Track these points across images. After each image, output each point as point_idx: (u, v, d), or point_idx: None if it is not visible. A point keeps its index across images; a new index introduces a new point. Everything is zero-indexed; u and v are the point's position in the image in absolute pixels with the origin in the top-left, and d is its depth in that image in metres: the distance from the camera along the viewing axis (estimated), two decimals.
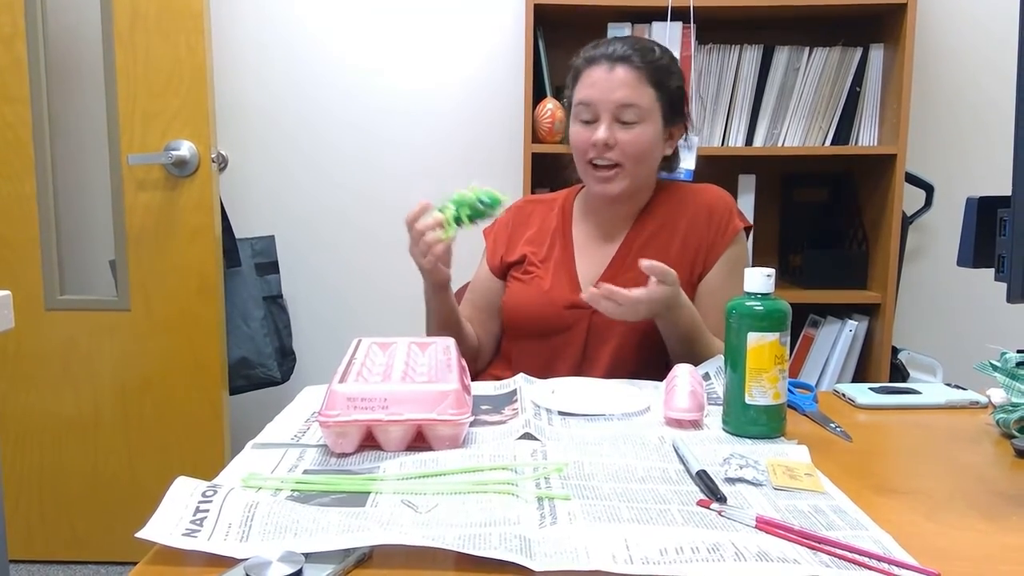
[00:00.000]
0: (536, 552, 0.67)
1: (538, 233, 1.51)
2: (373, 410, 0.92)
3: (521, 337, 1.47)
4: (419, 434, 0.94)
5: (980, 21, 2.31)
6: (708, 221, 1.44)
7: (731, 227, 1.44)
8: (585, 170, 1.41)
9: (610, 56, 1.37)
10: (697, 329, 1.34)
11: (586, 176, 1.42)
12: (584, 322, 1.41)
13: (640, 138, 1.37)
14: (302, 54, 2.39)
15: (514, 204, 1.57)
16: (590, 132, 1.38)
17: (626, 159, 1.38)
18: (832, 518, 0.77)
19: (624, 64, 1.36)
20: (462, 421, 0.93)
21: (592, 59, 1.39)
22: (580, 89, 1.40)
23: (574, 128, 1.41)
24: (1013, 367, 1.04)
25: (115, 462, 2.26)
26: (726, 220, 1.44)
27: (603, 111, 1.37)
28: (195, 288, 2.18)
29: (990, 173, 2.33)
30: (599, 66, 1.38)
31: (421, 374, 1.08)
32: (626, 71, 1.36)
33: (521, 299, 1.46)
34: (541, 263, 1.47)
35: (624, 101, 1.36)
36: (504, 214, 1.54)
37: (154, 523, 0.71)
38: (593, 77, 1.38)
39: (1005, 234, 0.84)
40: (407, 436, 0.94)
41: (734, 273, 1.44)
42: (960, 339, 2.39)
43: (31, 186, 2.18)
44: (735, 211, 1.46)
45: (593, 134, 1.37)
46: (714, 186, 1.50)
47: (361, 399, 0.92)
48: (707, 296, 1.43)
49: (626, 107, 1.36)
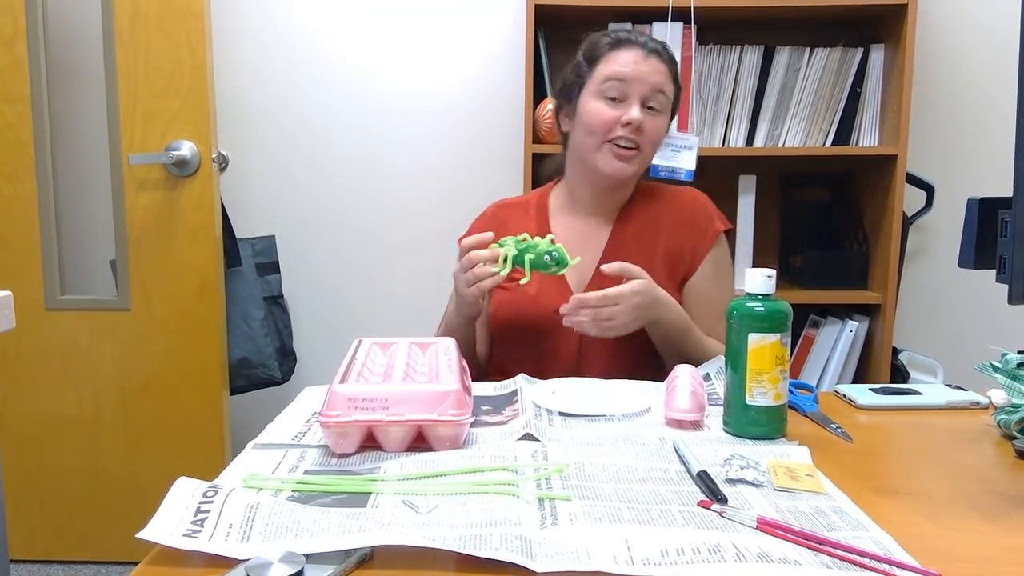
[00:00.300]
0: (537, 553, 0.67)
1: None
2: (374, 411, 0.92)
3: (512, 345, 1.46)
4: (420, 435, 0.94)
5: (981, 22, 2.31)
6: (690, 224, 1.45)
7: (712, 229, 1.45)
8: (600, 147, 1.40)
9: (643, 44, 1.39)
10: (686, 328, 1.35)
11: (600, 152, 1.40)
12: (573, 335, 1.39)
13: (661, 127, 1.41)
14: (302, 54, 2.39)
15: (486, 211, 1.56)
16: (619, 111, 1.37)
17: (646, 144, 1.40)
18: (833, 519, 0.77)
19: (656, 56, 1.39)
20: (463, 422, 0.93)
21: (623, 42, 1.40)
22: (609, 66, 1.39)
23: (596, 104, 1.39)
24: (1014, 368, 1.04)
25: (115, 462, 2.26)
26: (707, 223, 1.46)
27: (635, 92, 1.37)
28: (195, 288, 2.18)
29: (991, 174, 2.33)
30: (632, 50, 1.39)
31: (422, 374, 1.08)
32: (658, 62, 1.39)
33: (509, 307, 1.44)
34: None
35: (659, 87, 1.38)
36: (477, 221, 1.54)
37: (155, 523, 0.71)
38: (628, 57, 1.38)
39: (1006, 235, 0.84)
40: (408, 437, 0.94)
41: (719, 273, 1.46)
42: (961, 340, 2.39)
43: (31, 186, 2.18)
44: (715, 214, 1.48)
45: (624, 113, 1.37)
46: (692, 188, 1.51)
47: (362, 399, 0.92)
48: (694, 297, 1.44)
49: (658, 93, 1.38)
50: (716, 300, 1.43)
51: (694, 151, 2.02)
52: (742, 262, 2.21)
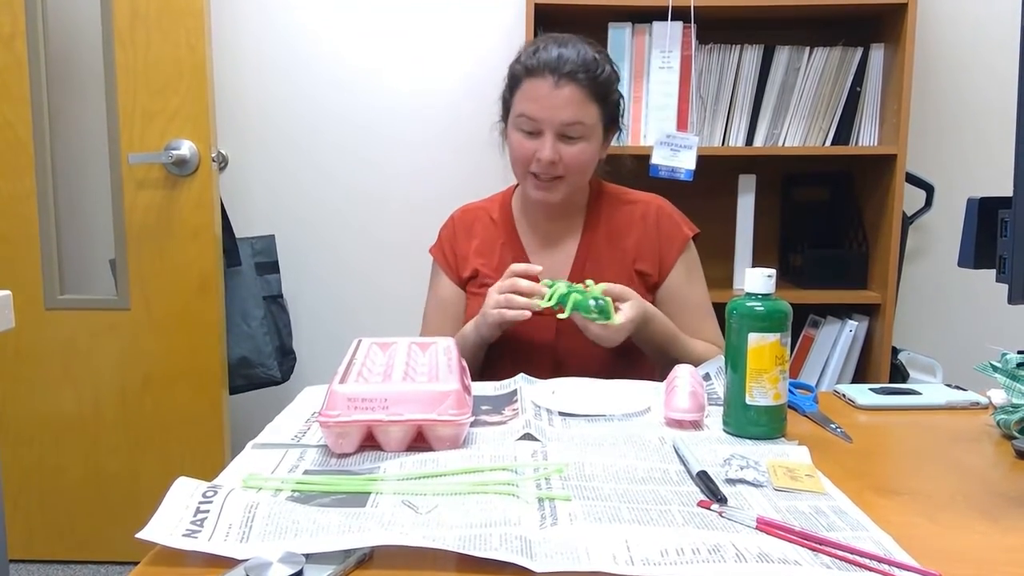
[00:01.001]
0: (537, 553, 0.67)
1: (483, 244, 1.50)
2: (373, 410, 0.92)
3: (491, 351, 1.45)
4: (419, 435, 0.94)
5: (980, 21, 2.31)
6: (657, 233, 1.47)
7: (680, 236, 1.47)
8: (525, 177, 1.41)
9: (555, 70, 1.33)
10: (673, 335, 1.38)
11: (525, 183, 1.42)
12: (552, 328, 1.40)
13: (583, 153, 1.37)
14: (302, 53, 2.38)
15: (453, 215, 1.55)
16: (533, 145, 1.36)
17: (569, 172, 1.38)
18: (833, 519, 0.77)
19: (570, 82, 1.32)
20: (462, 421, 0.93)
21: (534, 69, 1.35)
22: (522, 101, 1.36)
23: (515, 136, 1.39)
24: (1013, 368, 1.04)
25: (115, 462, 2.26)
26: (675, 230, 1.47)
27: (547, 128, 1.35)
28: (195, 287, 2.18)
29: (991, 173, 2.33)
30: (543, 79, 1.33)
31: (421, 374, 1.08)
32: (572, 89, 1.33)
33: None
34: (495, 273, 1.44)
35: (570, 120, 1.34)
36: (446, 227, 1.54)
37: (154, 523, 0.71)
38: (537, 91, 1.34)
39: (1006, 235, 0.84)
40: (407, 436, 0.93)
41: (692, 275, 1.49)
42: (960, 340, 2.39)
43: (31, 185, 2.18)
44: (683, 220, 1.50)
45: (537, 149, 1.35)
46: (658, 196, 1.52)
47: (361, 399, 0.92)
48: (671, 301, 1.46)
49: (571, 125, 1.34)
50: (693, 301, 1.47)
51: (694, 150, 2.03)
52: (742, 262, 2.21)
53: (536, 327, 1.37)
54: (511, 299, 1.28)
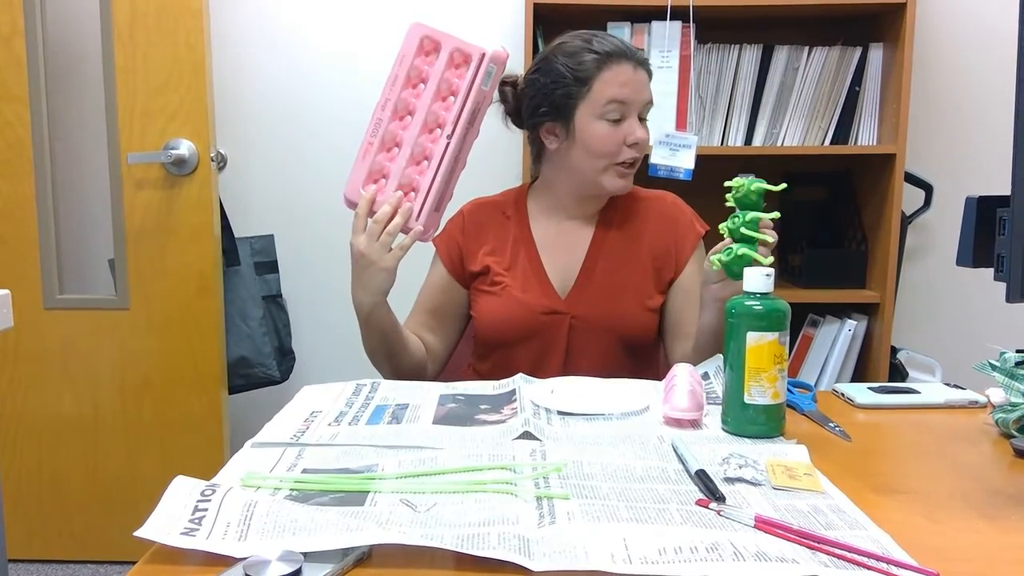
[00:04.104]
0: (535, 552, 0.67)
1: (496, 241, 1.48)
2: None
3: (498, 348, 1.45)
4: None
5: (980, 20, 2.31)
6: (673, 228, 1.47)
7: (694, 232, 1.48)
8: (606, 168, 1.39)
9: (630, 54, 1.37)
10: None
11: (606, 173, 1.39)
12: (563, 326, 1.40)
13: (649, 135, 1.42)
14: (302, 53, 2.38)
15: (463, 209, 1.54)
16: (622, 132, 1.37)
17: (642, 154, 1.42)
18: (831, 518, 0.77)
19: (642, 64, 1.39)
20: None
21: (612, 56, 1.36)
22: (609, 87, 1.35)
23: (599, 127, 1.36)
24: (1012, 367, 1.04)
25: (114, 461, 2.26)
26: (689, 227, 1.48)
27: (634, 111, 1.38)
28: (194, 287, 2.18)
29: (989, 173, 2.33)
30: (626, 63, 1.37)
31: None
32: (644, 71, 1.39)
33: (496, 310, 1.43)
34: (507, 271, 1.44)
35: (650, 100, 1.40)
36: (454, 220, 1.52)
37: (153, 522, 0.71)
38: (625, 75, 1.36)
39: (1004, 234, 0.84)
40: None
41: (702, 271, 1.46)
42: (959, 339, 2.39)
43: (30, 185, 2.18)
44: (695, 217, 1.51)
45: (630, 133, 1.37)
46: (670, 193, 1.52)
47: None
48: (685, 296, 1.46)
49: (648, 105, 1.40)
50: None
51: (693, 150, 2.02)
52: None
53: (549, 325, 1.37)
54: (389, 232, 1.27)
